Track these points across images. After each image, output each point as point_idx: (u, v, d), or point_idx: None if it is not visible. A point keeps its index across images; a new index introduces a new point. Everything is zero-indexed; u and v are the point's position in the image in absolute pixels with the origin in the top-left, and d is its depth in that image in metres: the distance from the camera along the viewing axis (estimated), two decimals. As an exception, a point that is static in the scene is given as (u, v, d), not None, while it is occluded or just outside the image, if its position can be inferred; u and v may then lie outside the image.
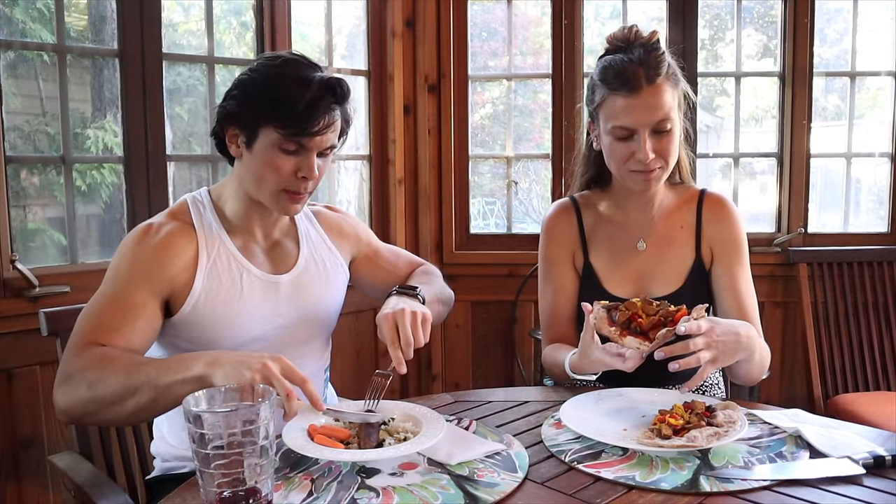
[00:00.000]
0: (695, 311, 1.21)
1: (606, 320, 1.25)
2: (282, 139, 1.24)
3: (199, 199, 1.37)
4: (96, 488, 1.26)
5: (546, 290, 1.58)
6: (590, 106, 1.48)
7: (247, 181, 1.31)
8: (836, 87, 2.88)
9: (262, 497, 0.82)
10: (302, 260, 1.41)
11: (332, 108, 1.26)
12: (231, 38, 2.54)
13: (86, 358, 1.13)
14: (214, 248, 1.31)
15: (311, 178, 1.27)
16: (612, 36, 1.45)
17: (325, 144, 1.28)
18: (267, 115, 1.23)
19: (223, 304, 1.29)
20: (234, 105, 1.28)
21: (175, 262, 1.26)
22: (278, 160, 1.25)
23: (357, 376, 2.69)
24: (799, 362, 2.59)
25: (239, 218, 1.35)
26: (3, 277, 1.88)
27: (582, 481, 1.02)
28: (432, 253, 2.78)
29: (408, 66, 2.73)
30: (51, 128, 2.11)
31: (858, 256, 2.55)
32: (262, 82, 1.26)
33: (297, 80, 1.24)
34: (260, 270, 1.35)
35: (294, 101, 1.22)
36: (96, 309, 1.21)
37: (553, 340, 1.53)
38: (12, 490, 1.93)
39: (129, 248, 1.25)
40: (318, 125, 1.24)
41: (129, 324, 1.19)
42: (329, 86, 1.26)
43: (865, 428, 1.22)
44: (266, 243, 1.39)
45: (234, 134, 1.29)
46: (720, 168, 2.92)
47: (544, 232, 1.60)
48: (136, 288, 1.22)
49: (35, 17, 2.08)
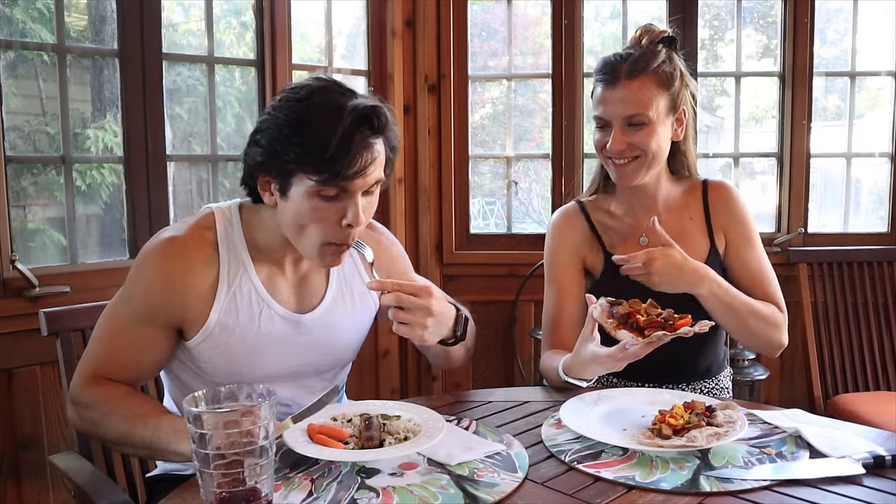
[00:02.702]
0: (699, 325, 1.21)
1: (606, 312, 1.26)
2: (318, 186, 1.09)
3: (229, 217, 1.24)
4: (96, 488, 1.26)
5: (550, 293, 1.58)
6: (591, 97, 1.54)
7: (286, 231, 1.18)
8: (836, 87, 2.88)
9: (262, 497, 0.82)
10: (329, 296, 1.30)
11: (370, 143, 1.10)
12: (231, 38, 2.54)
13: (91, 395, 1.17)
14: (237, 279, 1.21)
15: (357, 224, 1.13)
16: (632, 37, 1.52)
17: (370, 183, 1.12)
18: (296, 161, 1.08)
19: (238, 341, 1.22)
20: (260, 153, 1.12)
21: (191, 292, 1.19)
22: (319, 210, 1.11)
23: (357, 376, 2.69)
24: (799, 362, 2.58)
25: (269, 248, 1.24)
26: (3, 277, 1.88)
27: (582, 481, 1.02)
28: (432, 253, 2.78)
29: (408, 66, 2.73)
30: (51, 128, 2.11)
31: (858, 256, 2.55)
32: (286, 123, 1.09)
33: (325, 116, 1.07)
34: (283, 308, 1.25)
35: (324, 143, 1.05)
36: (108, 337, 1.20)
37: (553, 346, 1.53)
38: (12, 490, 1.92)
39: (149, 269, 1.19)
40: (355, 165, 1.07)
41: (137, 356, 1.20)
42: (364, 116, 1.08)
43: (865, 428, 1.22)
44: (294, 277, 1.28)
45: (266, 181, 1.15)
46: (720, 168, 2.92)
47: (551, 235, 1.61)
48: (148, 322, 1.19)
49: (35, 17, 2.08)
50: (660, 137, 1.45)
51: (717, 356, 1.59)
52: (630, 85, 1.42)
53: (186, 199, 2.44)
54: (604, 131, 1.47)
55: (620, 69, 1.43)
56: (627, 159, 1.45)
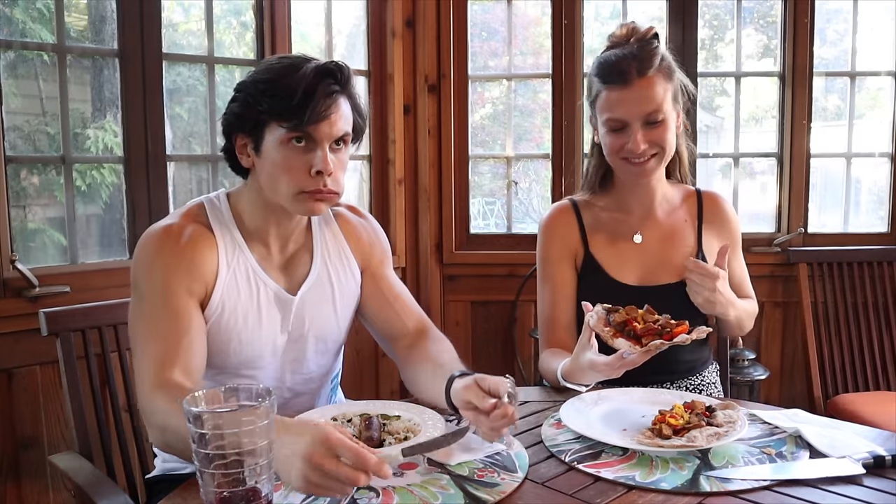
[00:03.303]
0: (696, 332, 1.20)
1: (603, 320, 1.25)
2: (287, 133, 1.19)
3: (217, 204, 1.31)
4: (96, 488, 1.26)
5: (544, 291, 1.58)
6: (588, 100, 1.54)
7: (265, 188, 1.25)
8: (836, 87, 2.88)
9: (262, 497, 0.82)
10: (313, 274, 1.36)
11: (332, 92, 1.21)
12: (231, 38, 2.54)
13: (160, 397, 1.09)
14: (234, 259, 1.27)
15: (325, 171, 1.20)
16: (613, 35, 1.51)
17: (335, 134, 1.21)
18: (267, 110, 1.19)
19: (240, 319, 1.26)
20: (235, 107, 1.24)
21: (202, 268, 1.22)
22: (289, 158, 1.20)
23: (357, 376, 2.69)
24: (799, 362, 2.59)
25: (256, 227, 1.30)
26: (3, 277, 1.88)
27: (582, 481, 1.02)
28: (432, 253, 2.78)
29: (408, 66, 2.73)
30: (51, 128, 2.11)
31: (858, 256, 2.55)
32: (259, 79, 1.22)
33: (293, 71, 1.20)
34: (276, 285, 1.31)
35: (292, 92, 1.17)
36: (151, 334, 1.17)
37: (551, 345, 1.53)
38: (12, 490, 1.92)
39: (158, 254, 1.21)
40: (319, 110, 1.18)
41: (186, 335, 1.17)
42: (326, 69, 1.21)
43: (865, 428, 1.22)
44: (281, 256, 1.34)
45: (243, 144, 1.25)
46: (720, 168, 2.92)
47: (542, 233, 1.61)
48: (176, 296, 1.19)
49: (35, 17, 2.08)
50: (673, 131, 1.47)
51: (703, 353, 1.61)
52: (643, 83, 1.41)
53: (186, 198, 2.41)
54: (619, 134, 1.45)
55: (631, 68, 1.41)
56: (647, 157, 1.45)
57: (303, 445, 0.88)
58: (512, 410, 1.04)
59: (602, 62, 1.47)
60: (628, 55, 1.43)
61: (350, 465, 0.86)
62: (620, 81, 1.42)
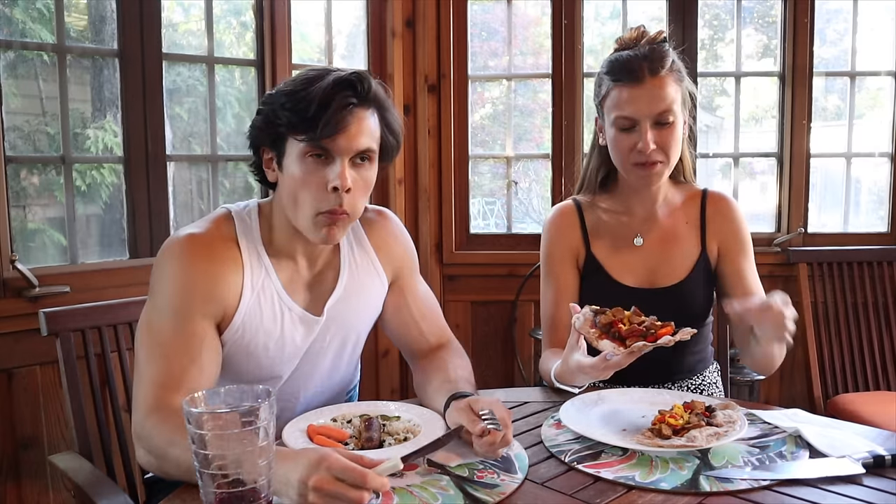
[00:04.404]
0: (680, 334, 1.19)
1: (590, 322, 1.25)
2: (305, 147, 1.15)
3: (246, 218, 1.26)
4: (96, 488, 1.26)
5: (547, 291, 1.58)
6: (596, 100, 1.52)
7: (286, 209, 1.21)
8: (836, 87, 2.88)
9: (262, 497, 0.82)
10: (339, 289, 1.31)
11: (348, 104, 1.15)
12: (231, 38, 2.54)
13: (153, 423, 1.07)
14: (259, 281, 1.23)
15: (342, 187, 1.15)
16: (622, 38, 1.50)
17: (354, 148, 1.16)
18: (284, 122, 1.16)
19: (261, 343, 1.24)
20: (258, 120, 1.22)
21: (226, 291, 1.19)
22: (308, 174, 1.16)
23: (357, 376, 2.68)
24: (799, 362, 2.58)
25: (284, 245, 1.26)
26: (3, 277, 1.88)
27: (582, 481, 1.02)
28: (432, 253, 2.78)
29: (408, 66, 2.73)
30: (51, 128, 2.11)
31: (858, 256, 2.55)
32: (282, 91, 1.19)
33: (312, 83, 1.16)
34: (301, 309, 1.27)
35: (308, 103, 1.13)
36: (158, 350, 1.13)
37: (553, 345, 1.53)
38: (12, 490, 1.92)
39: (175, 263, 1.17)
40: (333, 122, 1.13)
41: (195, 359, 1.13)
42: (345, 81, 1.16)
43: (865, 428, 1.22)
44: (309, 273, 1.30)
45: (269, 158, 1.23)
46: (720, 168, 2.92)
47: (546, 232, 1.61)
48: (191, 316, 1.15)
49: (35, 17, 2.08)
50: (680, 137, 1.46)
51: (703, 353, 1.60)
52: (655, 82, 1.41)
53: (186, 199, 2.44)
54: (628, 133, 1.43)
55: (643, 67, 1.41)
56: (655, 161, 1.43)
57: (301, 470, 0.87)
58: (498, 438, 1.04)
59: (613, 61, 1.46)
60: (640, 55, 1.42)
61: (351, 485, 0.85)
62: (632, 79, 1.41)
